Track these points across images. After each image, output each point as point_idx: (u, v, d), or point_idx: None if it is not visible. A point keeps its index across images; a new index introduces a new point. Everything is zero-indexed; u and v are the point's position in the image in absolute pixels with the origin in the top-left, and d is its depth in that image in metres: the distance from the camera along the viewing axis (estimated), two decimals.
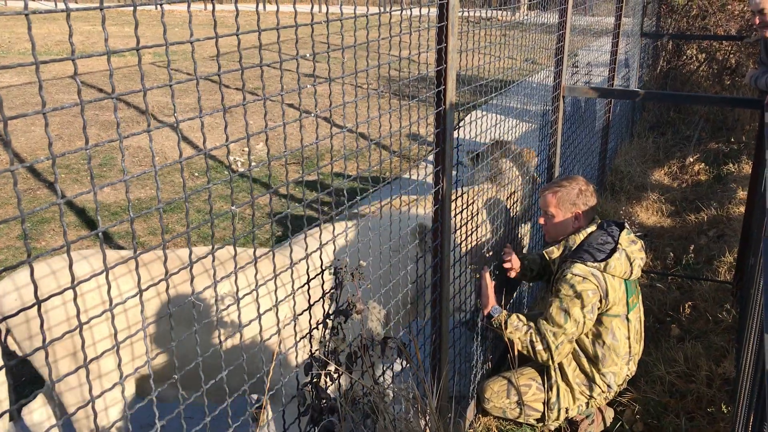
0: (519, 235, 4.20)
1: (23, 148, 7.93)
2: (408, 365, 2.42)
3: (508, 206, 3.84)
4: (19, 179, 7.05)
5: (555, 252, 3.34)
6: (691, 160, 7.73)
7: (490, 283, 3.32)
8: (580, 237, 3.28)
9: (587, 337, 3.24)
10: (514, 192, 3.95)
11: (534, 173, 4.31)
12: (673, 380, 3.70)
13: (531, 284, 4.57)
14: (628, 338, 3.24)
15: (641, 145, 8.42)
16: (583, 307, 3.09)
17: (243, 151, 8.37)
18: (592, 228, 3.31)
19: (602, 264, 3.12)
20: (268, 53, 14.39)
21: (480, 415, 3.49)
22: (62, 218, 1.24)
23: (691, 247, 5.33)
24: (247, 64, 1.59)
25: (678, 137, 8.76)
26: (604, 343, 3.21)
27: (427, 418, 2.27)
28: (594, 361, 3.24)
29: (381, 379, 2.42)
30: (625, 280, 3.20)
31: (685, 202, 6.71)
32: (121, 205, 6.58)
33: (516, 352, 3.11)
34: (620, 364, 3.27)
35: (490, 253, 3.57)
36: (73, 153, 1.29)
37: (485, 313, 3.28)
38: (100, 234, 1.32)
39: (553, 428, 3.42)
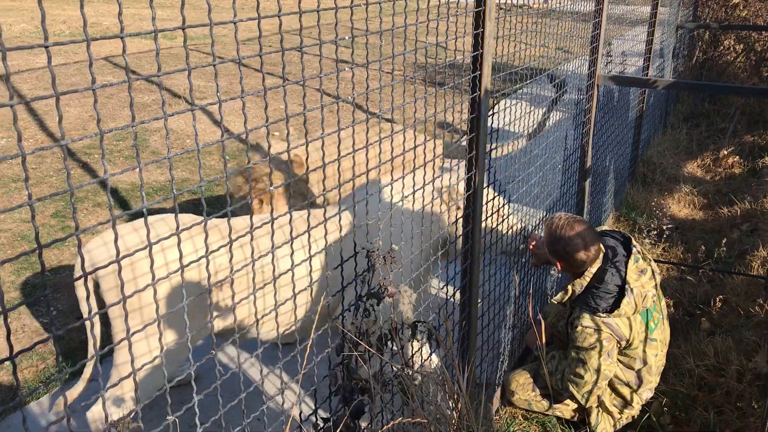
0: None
1: (57, 128, 8.06)
2: (437, 349, 2.43)
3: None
4: (53, 159, 7.17)
5: (563, 297, 3.23)
6: (726, 152, 7.61)
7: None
8: (586, 279, 3.13)
9: (618, 368, 3.22)
10: None
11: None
12: (702, 374, 3.67)
13: (560, 275, 4.55)
14: (657, 355, 3.22)
15: (674, 136, 8.30)
16: (599, 355, 3.07)
17: (273, 135, 8.42)
18: (597, 265, 3.12)
19: (614, 313, 3.04)
20: (297, 38, 14.41)
21: (505, 404, 3.50)
22: (108, 192, 1.27)
23: (723, 241, 5.26)
24: (278, 47, 1.60)
25: (712, 129, 8.62)
26: (635, 369, 3.20)
27: (459, 403, 2.29)
28: (629, 385, 3.24)
29: (411, 361, 2.44)
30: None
31: (718, 195, 6.61)
32: (152, 185, 6.66)
33: (544, 341, 3.10)
34: (654, 379, 3.27)
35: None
36: (119, 130, 1.31)
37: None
38: (144, 210, 1.34)
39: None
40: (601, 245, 3.14)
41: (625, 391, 3.24)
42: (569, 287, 3.18)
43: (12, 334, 4.08)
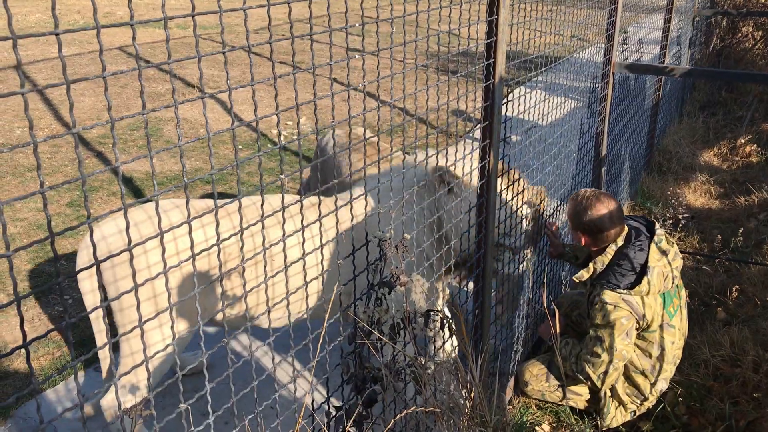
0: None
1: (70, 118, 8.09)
2: (450, 338, 2.42)
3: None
4: (68, 149, 7.21)
5: (585, 275, 3.19)
6: (743, 141, 7.51)
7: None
8: (608, 256, 3.12)
9: (634, 353, 3.19)
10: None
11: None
12: (717, 364, 3.64)
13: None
14: (674, 343, 3.19)
15: (691, 125, 8.21)
16: (618, 335, 3.03)
17: (286, 125, 8.42)
18: (620, 243, 3.13)
19: (634, 290, 3.03)
20: (308, 26, 14.36)
21: (519, 394, 3.49)
22: (120, 181, 1.27)
23: (740, 230, 5.20)
24: (287, 38, 1.59)
25: (729, 118, 8.51)
26: (651, 355, 3.17)
27: (472, 392, 2.28)
28: (644, 373, 3.21)
29: (424, 350, 2.43)
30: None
31: (734, 184, 6.54)
32: (166, 175, 6.68)
33: (559, 330, 3.07)
34: (670, 369, 3.23)
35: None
36: (131, 117, 1.31)
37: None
38: (156, 199, 1.34)
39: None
40: (625, 225, 3.15)
41: (640, 380, 3.22)
42: (591, 265, 3.16)
43: (28, 322, 4.12)
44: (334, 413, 2.11)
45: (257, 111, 1.45)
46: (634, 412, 3.33)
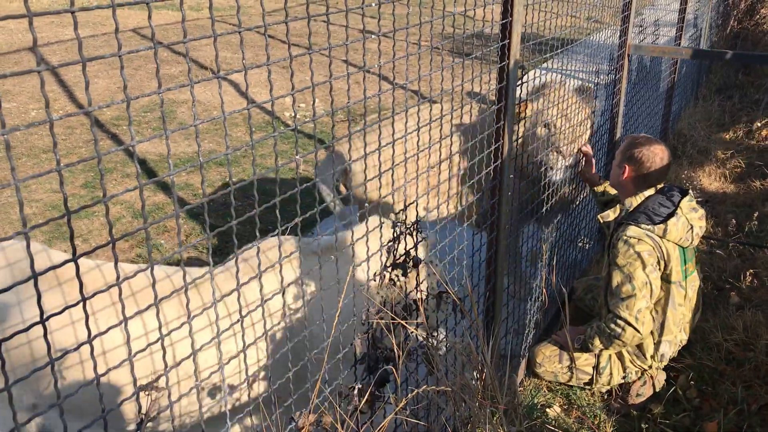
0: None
1: (85, 99, 8.12)
2: (462, 320, 2.43)
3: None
4: (82, 130, 7.24)
5: (611, 215, 3.26)
6: (759, 124, 7.43)
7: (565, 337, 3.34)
8: (637, 200, 3.20)
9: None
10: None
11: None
12: (730, 348, 3.63)
13: (587, 247, 4.51)
14: (681, 305, 3.19)
15: (706, 108, 8.13)
16: (644, 267, 3.02)
17: (299, 107, 8.41)
18: (651, 192, 3.23)
19: (658, 227, 3.06)
20: (323, 8, 14.31)
21: (530, 376, 3.50)
22: (136, 160, 1.27)
23: (755, 214, 5.16)
24: (303, 17, 1.58)
25: (746, 101, 8.41)
26: (663, 311, 3.15)
27: (483, 374, 2.29)
28: (651, 332, 3.19)
29: (435, 332, 2.44)
30: (681, 247, 3.12)
31: (750, 168, 6.47)
32: (180, 157, 6.71)
33: (569, 313, 3.07)
34: (675, 332, 3.21)
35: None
36: (146, 96, 1.31)
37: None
38: (172, 178, 1.35)
39: (604, 390, 3.41)
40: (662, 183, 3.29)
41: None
42: (618, 206, 3.25)
43: None
44: (346, 393, 2.12)
45: (272, 92, 1.45)
46: (629, 375, 3.30)
